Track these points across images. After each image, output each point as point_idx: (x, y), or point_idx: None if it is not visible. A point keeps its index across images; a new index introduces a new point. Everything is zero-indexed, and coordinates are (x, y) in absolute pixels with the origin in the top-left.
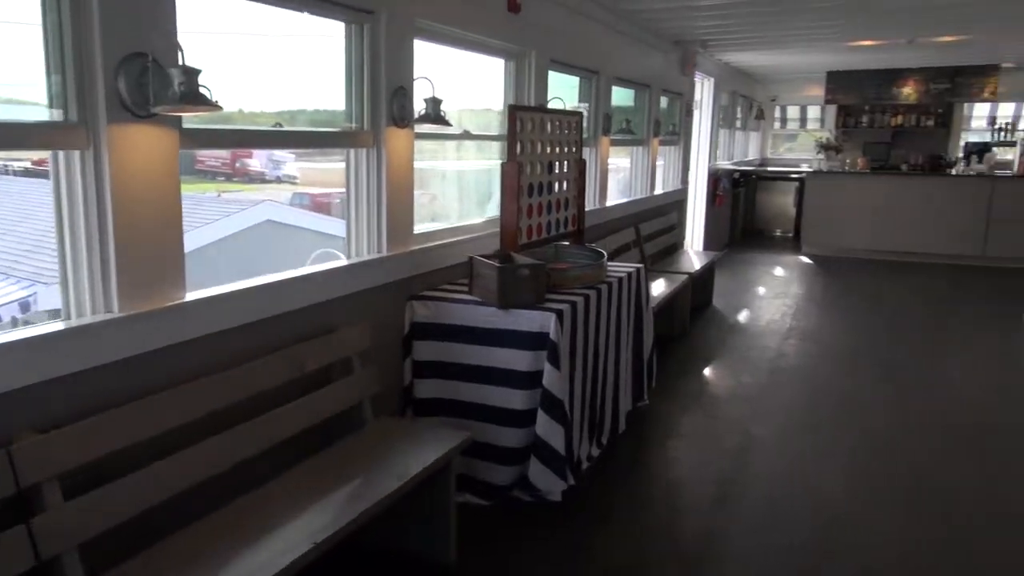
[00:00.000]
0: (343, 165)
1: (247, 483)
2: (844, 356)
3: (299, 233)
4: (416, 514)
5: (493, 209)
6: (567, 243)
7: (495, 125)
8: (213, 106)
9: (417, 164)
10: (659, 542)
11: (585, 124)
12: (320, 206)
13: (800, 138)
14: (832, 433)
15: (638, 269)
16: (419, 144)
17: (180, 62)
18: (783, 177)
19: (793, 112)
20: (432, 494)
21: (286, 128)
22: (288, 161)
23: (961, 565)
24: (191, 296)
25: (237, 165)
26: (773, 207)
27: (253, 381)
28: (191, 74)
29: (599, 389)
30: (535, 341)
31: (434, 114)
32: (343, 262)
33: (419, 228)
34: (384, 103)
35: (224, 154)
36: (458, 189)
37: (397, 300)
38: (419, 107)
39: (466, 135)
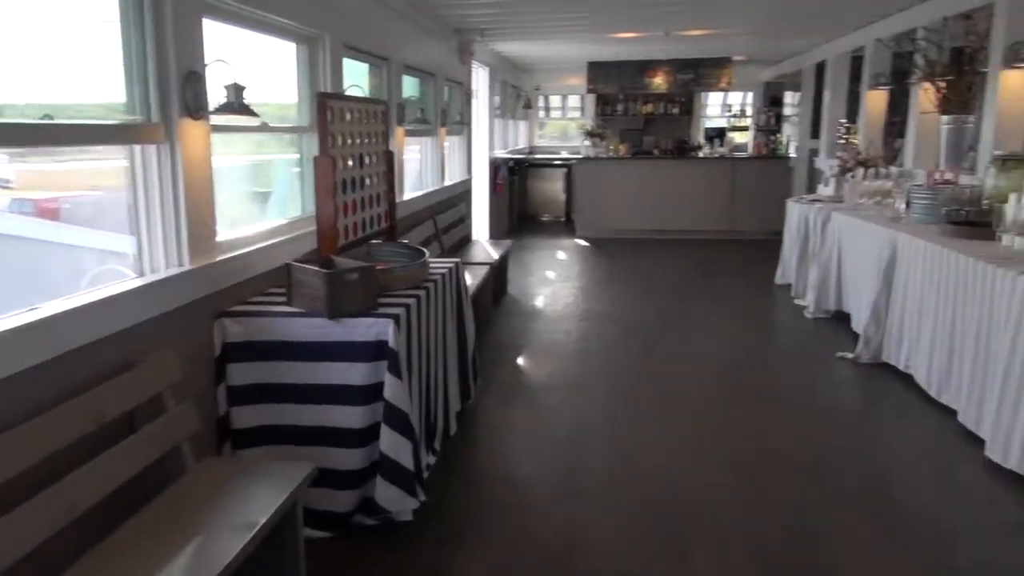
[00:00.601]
0: (79, 165)
1: (47, 571)
2: (639, 331)
3: (38, 248)
4: (259, 566)
5: (277, 210)
6: (379, 242)
7: (290, 117)
8: None
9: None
10: (519, 548)
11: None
12: (47, 213)
13: (554, 126)
14: (655, 407)
15: (456, 264)
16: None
17: None
18: (550, 164)
19: (555, 101)
20: (277, 540)
21: (58, 122)
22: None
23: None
24: None
25: None
26: (544, 193)
27: (36, 445)
28: None
29: (432, 393)
30: (372, 351)
31: (237, 103)
32: (137, 281)
33: (221, 235)
34: (175, 91)
35: None
36: (239, 188)
37: (205, 320)
38: (214, 97)
39: (265, 127)
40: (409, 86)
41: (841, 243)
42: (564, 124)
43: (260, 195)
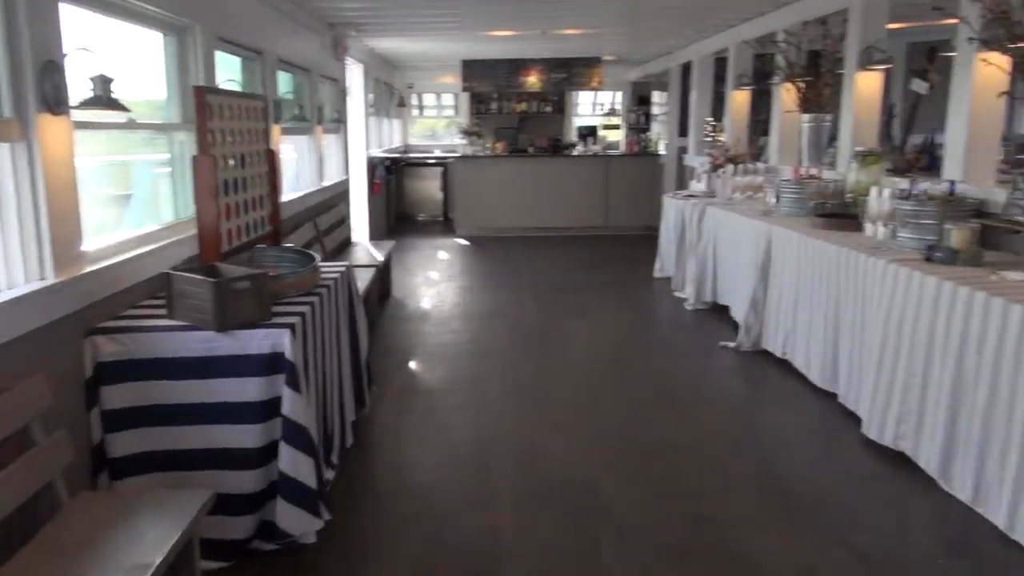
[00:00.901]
0: None
1: None
2: (527, 328)
3: None
4: None
5: (139, 215)
6: (264, 246)
7: (158, 115)
8: None
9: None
10: (433, 559)
11: None
12: None
13: (427, 124)
14: (553, 404)
15: (348, 268)
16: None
17: None
18: (426, 163)
19: (429, 99)
20: None
21: None
22: None
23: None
24: None
25: None
26: (421, 192)
27: None
28: None
29: (328, 404)
30: (267, 364)
31: (105, 96)
32: None
33: (87, 243)
34: (31, 83)
35: None
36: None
37: (74, 338)
38: (77, 90)
39: (133, 124)
40: (284, 83)
41: (716, 237)
42: (436, 122)
43: (118, 199)
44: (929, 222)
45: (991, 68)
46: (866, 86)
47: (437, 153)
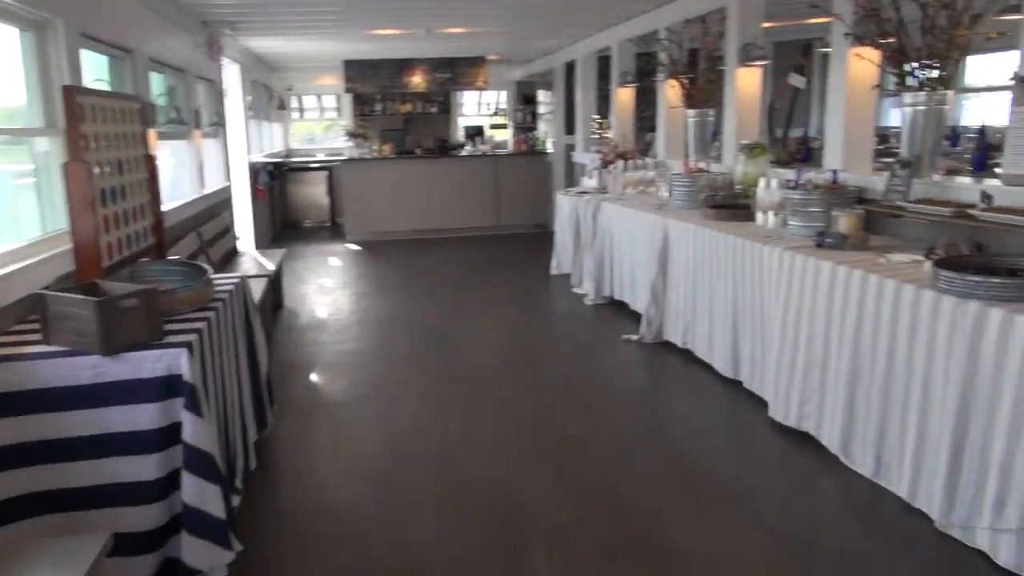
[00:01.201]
0: None
1: None
2: (428, 331)
3: None
4: None
5: None
6: (147, 260)
7: (16, 119)
8: None
9: None
10: None
11: None
12: None
13: (309, 127)
14: (463, 407)
15: (242, 279)
16: None
17: None
18: (310, 167)
19: (310, 101)
20: None
21: None
22: None
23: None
24: None
25: None
26: (306, 198)
27: None
28: None
29: (230, 426)
30: (163, 388)
31: None
32: None
33: None
34: None
35: None
36: None
37: None
38: None
39: None
40: (157, 84)
41: (612, 232)
42: (320, 125)
43: None
44: (817, 210)
45: (864, 63)
46: (747, 82)
47: (321, 157)
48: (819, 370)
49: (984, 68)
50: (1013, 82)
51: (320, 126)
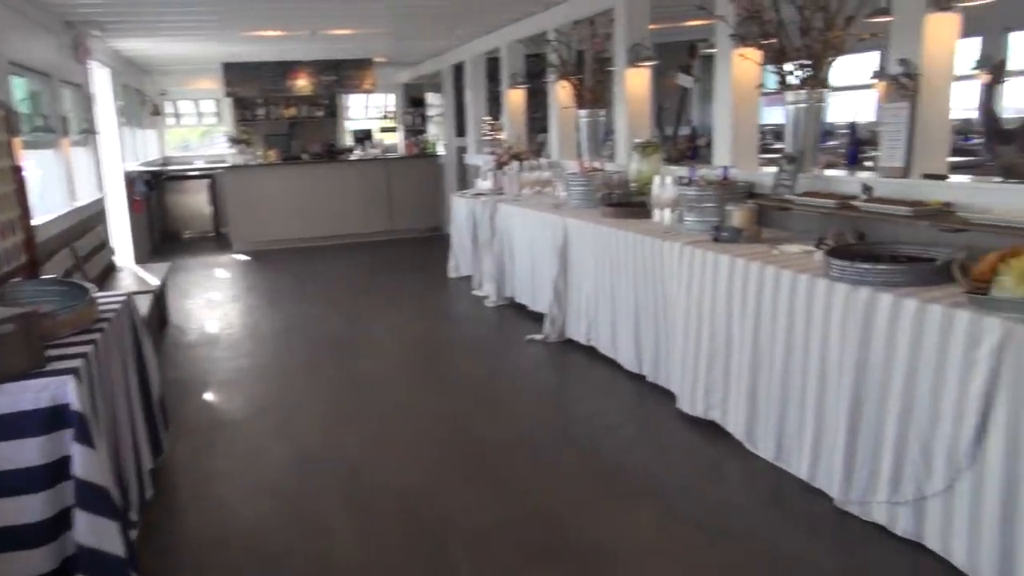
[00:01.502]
0: None
1: None
2: (327, 341)
3: None
4: None
5: None
6: (19, 279)
7: None
8: None
9: None
10: None
11: None
12: None
13: (189, 133)
14: (371, 415)
15: (129, 297)
16: None
17: None
18: (190, 176)
19: (187, 107)
20: None
21: None
22: None
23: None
24: None
25: None
26: (187, 208)
27: None
28: None
29: (123, 456)
30: (48, 420)
31: None
32: None
33: None
34: None
35: None
36: None
37: None
38: None
39: None
40: (18, 89)
41: (511, 233)
42: (196, 131)
43: None
44: (711, 205)
45: (748, 63)
46: (636, 82)
47: (201, 164)
48: (723, 360)
49: (846, 67)
50: (876, 80)
51: (197, 132)
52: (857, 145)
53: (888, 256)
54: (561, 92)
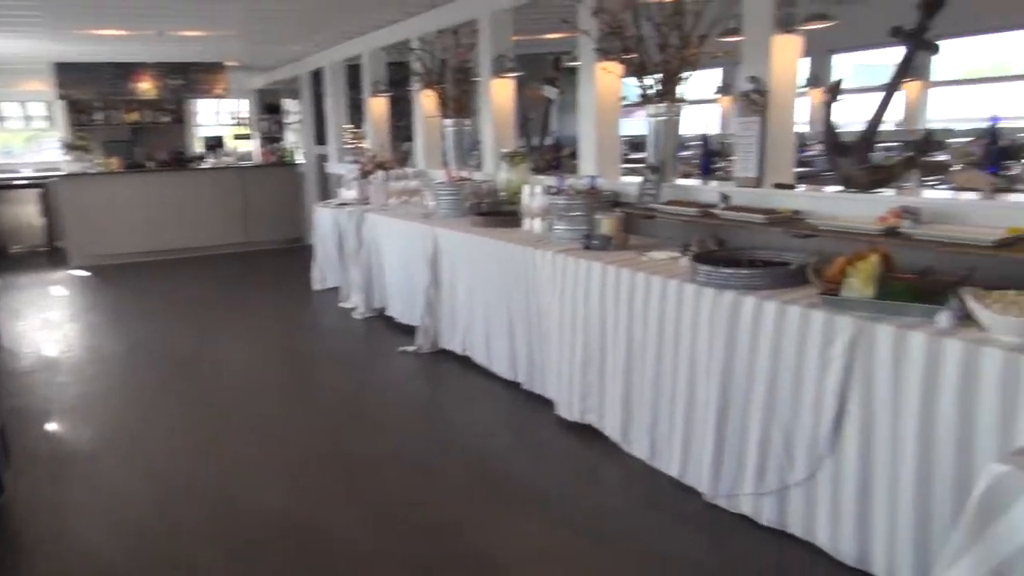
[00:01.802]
0: None
1: None
2: (183, 362)
3: None
4: None
5: None
6: None
7: None
8: None
9: None
10: None
11: None
12: None
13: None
14: (237, 438)
15: None
16: None
17: None
18: (16, 185)
19: (12, 109)
20: None
21: None
22: None
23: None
24: None
25: None
26: (12, 220)
27: None
28: None
29: None
30: None
31: None
32: None
33: None
34: None
35: None
36: None
37: None
38: None
39: None
40: None
41: (379, 244)
42: (20, 136)
43: None
44: (580, 214)
45: (610, 76)
46: (500, 93)
47: (30, 172)
48: (597, 364)
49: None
50: (720, 95)
51: (21, 137)
52: (709, 156)
53: (747, 261)
54: (425, 101)
